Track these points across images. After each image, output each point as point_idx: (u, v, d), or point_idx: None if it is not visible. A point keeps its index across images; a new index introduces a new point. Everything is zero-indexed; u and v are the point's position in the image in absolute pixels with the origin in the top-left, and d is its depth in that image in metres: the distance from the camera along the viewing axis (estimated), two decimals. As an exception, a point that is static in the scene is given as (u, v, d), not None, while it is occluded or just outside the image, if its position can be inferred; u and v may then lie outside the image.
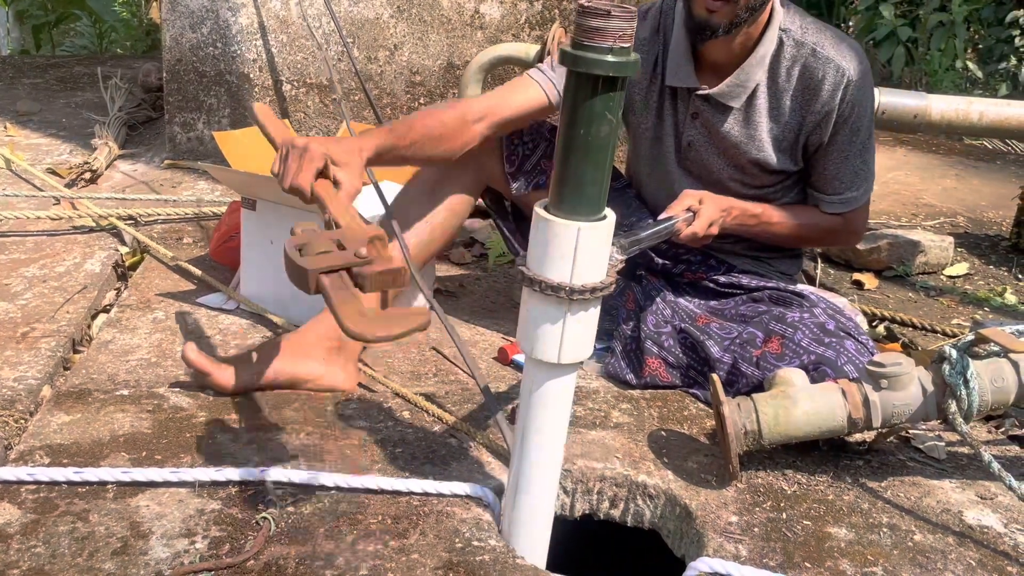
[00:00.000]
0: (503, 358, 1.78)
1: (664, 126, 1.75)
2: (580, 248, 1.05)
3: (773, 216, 1.72)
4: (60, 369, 1.64)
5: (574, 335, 1.10)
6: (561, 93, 1.56)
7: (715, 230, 1.62)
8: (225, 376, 1.52)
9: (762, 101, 1.66)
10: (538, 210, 1.08)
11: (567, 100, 1.04)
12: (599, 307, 1.12)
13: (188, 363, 1.51)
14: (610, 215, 1.09)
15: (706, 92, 1.66)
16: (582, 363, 1.76)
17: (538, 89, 1.66)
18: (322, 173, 1.32)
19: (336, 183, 1.32)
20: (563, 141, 1.06)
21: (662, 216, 1.58)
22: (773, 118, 1.67)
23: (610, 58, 0.99)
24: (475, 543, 1.23)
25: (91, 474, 1.28)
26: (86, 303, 1.87)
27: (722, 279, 1.79)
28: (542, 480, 1.21)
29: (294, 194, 1.32)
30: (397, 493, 1.31)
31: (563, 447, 1.21)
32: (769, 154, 1.68)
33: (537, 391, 1.15)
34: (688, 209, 1.59)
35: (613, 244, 1.13)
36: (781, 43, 1.64)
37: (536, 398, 1.15)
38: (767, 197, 1.75)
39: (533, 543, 1.24)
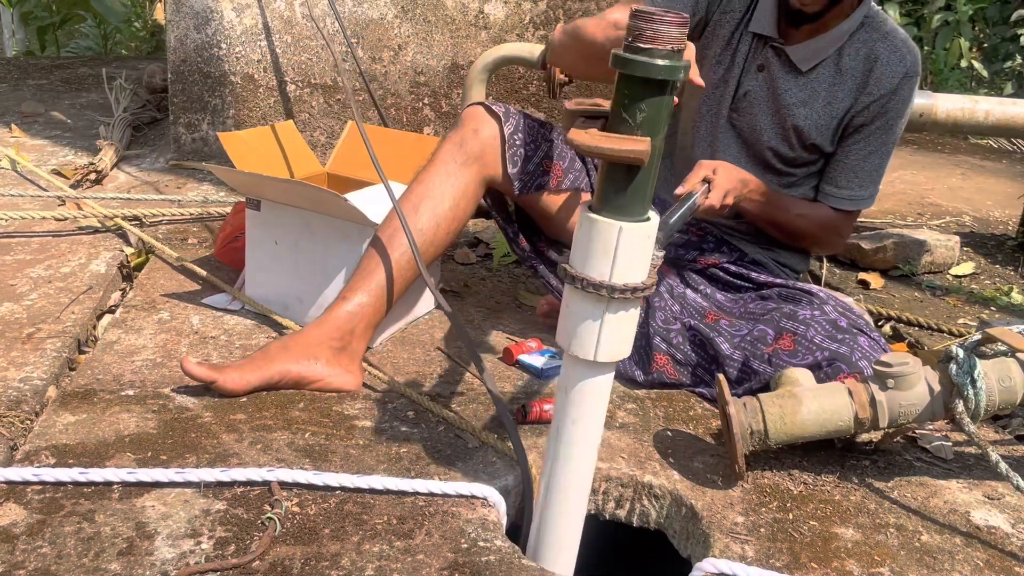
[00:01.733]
0: (508, 358, 1.77)
1: (731, 72, 1.78)
2: (621, 248, 1.06)
3: (781, 199, 1.76)
4: (66, 370, 1.64)
5: (613, 334, 1.10)
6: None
7: (730, 200, 1.63)
8: (230, 380, 1.52)
9: (827, 72, 1.72)
10: (583, 210, 1.09)
11: (615, 100, 1.05)
12: (639, 307, 1.12)
13: (189, 376, 1.51)
14: (653, 217, 1.09)
15: (781, 45, 1.72)
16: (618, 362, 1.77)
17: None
18: None
19: None
20: None
21: (679, 191, 1.58)
22: (831, 92, 1.72)
23: (660, 62, 1.00)
24: (481, 543, 1.23)
25: (97, 474, 1.28)
26: (91, 304, 1.87)
27: (732, 268, 1.81)
28: (577, 478, 1.20)
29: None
30: (402, 493, 1.31)
31: (598, 444, 1.20)
32: (815, 124, 1.73)
33: (574, 388, 1.15)
34: (704, 180, 1.60)
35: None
36: (862, 24, 1.71)
37: (573, 395, 1.15)
38: (789, 183, 1.79)
39: (564, 550, 1.24)
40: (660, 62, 1.00)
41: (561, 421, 1.17)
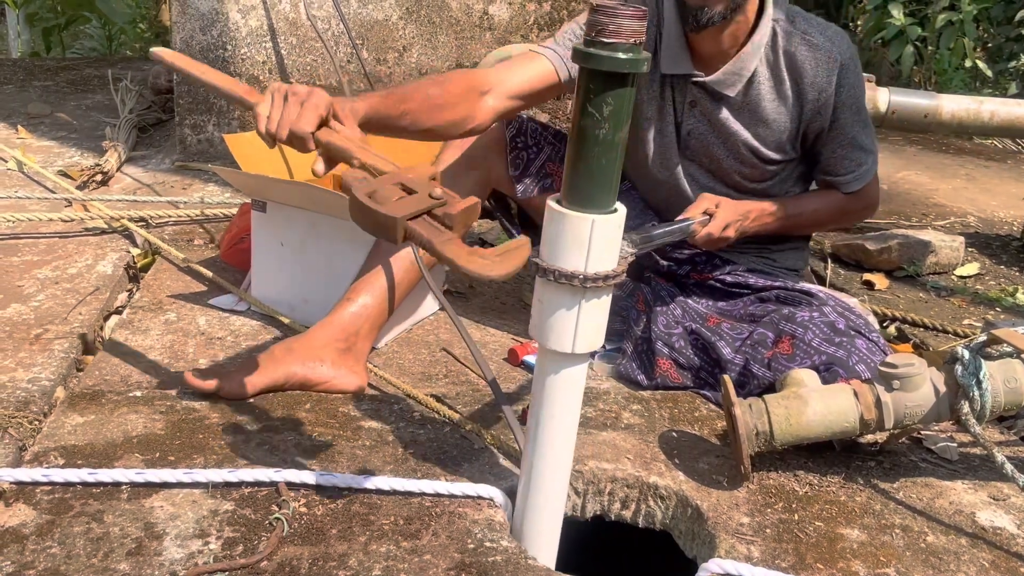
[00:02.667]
0: (513, 359, 1.78)
1: (665, 116, 1.74)
2: (594, 239, 1.08)
3: (791, 209, 1.74)
4: (73, 370, 1.65)
5: (588, 324, 1.12)
6: (570, 69, 1.61)
7: (731, 233, 1.64)
8: (235, 385, 1.52)
9: (761, 90, 1.66)
10: (551, 203, 1.11)
11: (579, 96, 1.07)
12: (611, 296, 1.14)
13: (193, 389, 1.51)
14: (621, 208, 1.12)
15: (702, 80, 1.66)
16: (593, 355, 1.78)
17: (546, 63, 1.62)
18: (322, 124, 1.20)
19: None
20: (576, 136, 1.08)
21: (679, 219, 1.60)
22: (772, 107, 1.67)
23: (621, 55, 1.02)
24: (487, 544, 1.23)
25: (105, 475, 1.29)
26: (98, 304, 1.88)
27: (729, 278, 1.79)
28: (554, 472, 1.22)
29: (292, 143, 1.18)
30: (409, 494, 1.32)
31: (575, 436, 1.22)
32: (768, 143, 1.69)
33: (550, 381, 1.17)
34: (705, 212, 1.61)
35: (624, 238, 1.16)
36: (775, 33, 1.65)
37: (549, 388, 1.17)
38: (769, 191, 1.75)
39: (545, 535, 1.26)
40: (623, 55, 1.02)
41: (539, 414, 1.20)
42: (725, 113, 1.68)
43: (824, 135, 1.70)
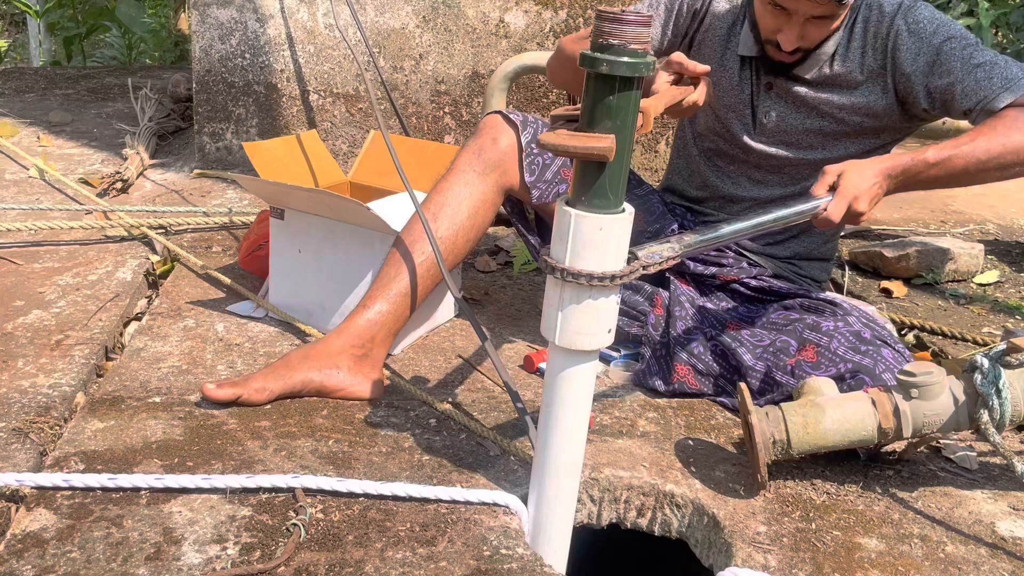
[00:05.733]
0: (529, 366, 1.78)
1: (742, 98, 1.77)
2: (603, 239, 1.11)
3: (949, 151, 1.48)
4: (94, 376, 1.67)
5: (596, 321, 1.14)
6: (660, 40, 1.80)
7: (864, 206, 1.42)
8: (253, 391, 1.53)
9: (837, 69, 1.68)
10: (561, 205, 1.13)
11: (587, 100, 1.09)
12: (614, 297, 1.16)
13: (213, 401, 1.53)
14: (628, 208, 1.14)
15: (779, 62, 1.70)
16: (609, 361, 1.78)
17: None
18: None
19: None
20: None
21: (800, 201, 1.42)
22: (851, 81, 1.68)
23: (626, 59, 1.05)
24: (503, 551, 1.23)
25: (125, 480, 1.30)
26: (118, 311, 1.90)
27: (753, 283, 1.80)
28: (565, 473, 1.24)
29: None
30: (425, 500, 1.32)
31: (586, 434, 1.24)
32: (855, 110, 1.69)
33: (560, 379, 1.19)
34: (830, 189, 1.43)
35: (671, 242, 1.22)
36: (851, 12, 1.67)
37: (559, 386, 1.19)
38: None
39: (555, 540, 1.27)
40: (626, 59, 1.05)
41: (549, 413, 1.22)
42: (803, 91, 1.71)
43: (936, 76, 1.58)
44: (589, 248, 1.11)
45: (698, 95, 1.54)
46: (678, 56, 1.55)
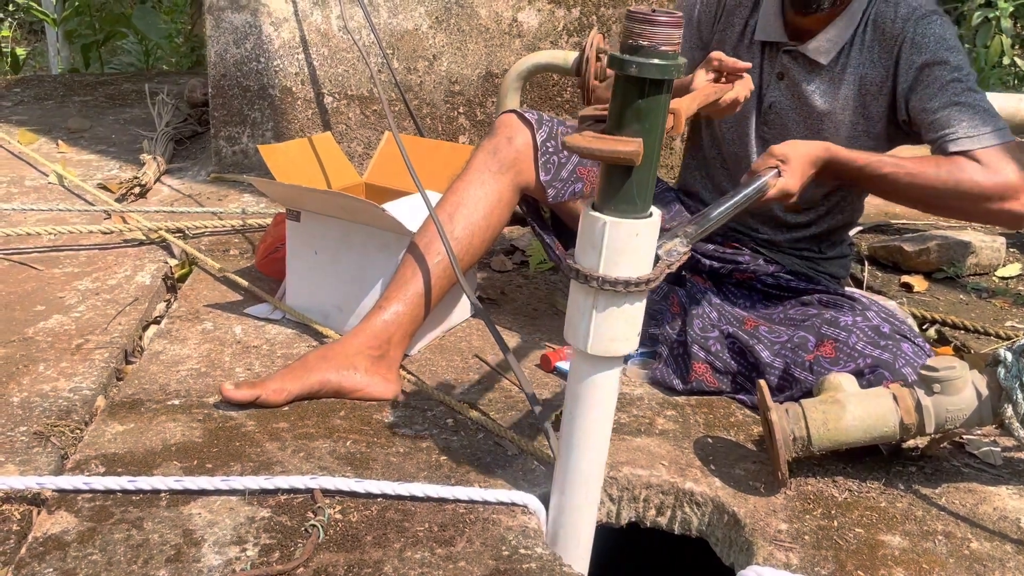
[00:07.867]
0: (546, 365, 1.77)
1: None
2: (630, 244, 1.08)
3: (886, 165, 1.55)
4: (113, 380, 1.68)
5: (623, 327, 1.12)
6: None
7: (794, 186, 1.50)
8: (270, 392, 1.54)
9: (850, 62, 1.66)
10: (587, 210, 1.11)
11: (615, 101, 1.07)
12: (645, 301, 1.14)
13: (232, 402, 1.53)
14: (656, 212, 1.12)
15: (795, 47, 1.68)
16: (627, 360, 1.77)
17: None
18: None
19: None
20: None
21: (744, 180, 1.51)
22: (859, 79, 1.66)
23: (656, 60, 1.02)
24: (522, 551, 1.23)
25: (145, 483, 1.31)
26: (137, 315, 1.91)
27: (770, 280, 1.78)
28: (588, 476, 1.22)
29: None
30: (443, 500, 1.32)
31: (609, 439, 1.22)
32: (852, 119, 1.68)
33: (585, 384, 1.17)
34: (774, 167, 1.51)
35: (679, 236, 1.18)
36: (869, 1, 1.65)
37: (583, 391, 1.18)
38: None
39: (578, 541, 1.26)
40: (656, 61, 1.02)
41: (572, 418, 1.20)
42: (813, 85, 1.69)
43: (916, 98, 1.60)
44: (625, 255, 1.08)
45: (737, 92, 1.52)
46: (718, 53, 1.54)
